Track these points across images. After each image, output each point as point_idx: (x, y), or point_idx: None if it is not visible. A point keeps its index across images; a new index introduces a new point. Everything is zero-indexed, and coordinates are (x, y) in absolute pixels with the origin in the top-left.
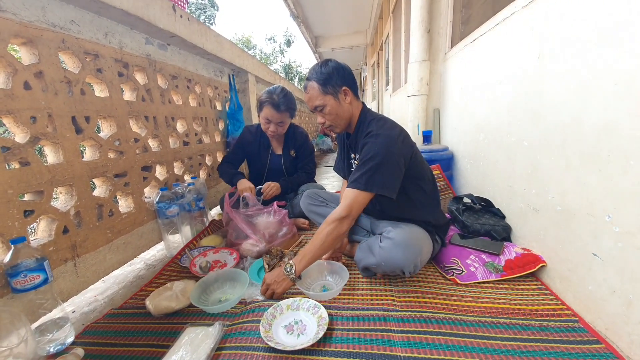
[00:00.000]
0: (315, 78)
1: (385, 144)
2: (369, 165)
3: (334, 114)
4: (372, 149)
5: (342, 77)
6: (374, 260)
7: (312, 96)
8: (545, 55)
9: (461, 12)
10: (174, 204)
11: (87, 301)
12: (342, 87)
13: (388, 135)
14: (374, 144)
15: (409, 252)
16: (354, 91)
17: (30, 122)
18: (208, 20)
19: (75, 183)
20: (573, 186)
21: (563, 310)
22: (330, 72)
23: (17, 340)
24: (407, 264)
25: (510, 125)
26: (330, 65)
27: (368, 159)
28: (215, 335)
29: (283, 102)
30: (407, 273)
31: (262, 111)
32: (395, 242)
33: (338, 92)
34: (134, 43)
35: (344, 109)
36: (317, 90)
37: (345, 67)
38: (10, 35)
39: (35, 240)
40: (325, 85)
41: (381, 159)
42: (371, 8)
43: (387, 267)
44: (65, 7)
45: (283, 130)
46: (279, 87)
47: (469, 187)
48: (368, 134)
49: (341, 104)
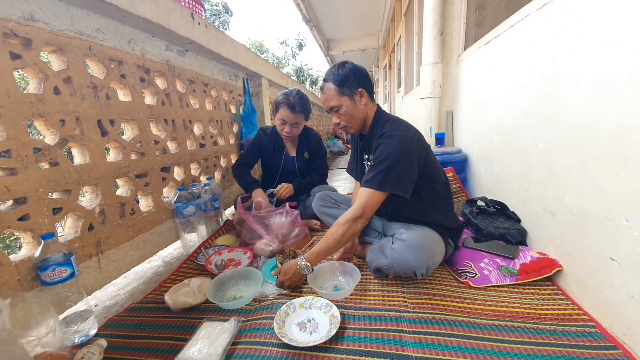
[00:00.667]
0: (332, 79)
1: (399, 145)
2: (383, 165)
3: (349, 114)
4: (387, 149)
5: (359, 78)
6: (385, 262)
7: (328, 97)
8: (560, 57)
9: (475, 14)
10: (191, 204)
11: (109, 295)
12: (358, 88)
13: (402, 136)
14: (388, 144)
15: (421, 254)
16: (369, 93)
17: (60, 125)
18: (222, 26)
19: (100, 183)
20: (589, 189)
21: (579, 315)
22: (347, 74)
23: (45, 330)
24: (419, 265)
25: (525, 128)
26: (347, 67)
27: (382, 159)
28: (231, 330)
29: (299, 104)
30: (419, 275)
31: (278, 112)
32: (407, 244)
33: (354, 94)
34: (155, 50)
35: (359, 110)
36: (333, 91)
37: (361, 69)
38: (42, 43)
39: (62, 236)
40: (342, 86)
41: (395, 159)
42: (383, 11)
43: (399, 268)
44: (92, 16)
45: (298, 131)
46: (295, 89)
47: (483, 190)
48: (382, 134)
49: (357, 105)
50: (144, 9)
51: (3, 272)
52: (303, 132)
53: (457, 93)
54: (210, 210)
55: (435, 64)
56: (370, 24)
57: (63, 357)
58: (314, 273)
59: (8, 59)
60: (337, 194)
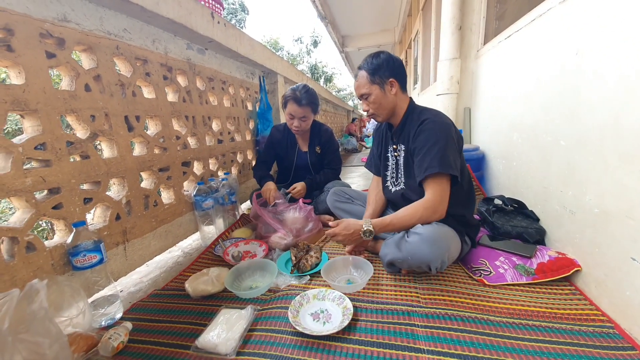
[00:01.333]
0: (366, 68)
1: (444, 129)
2: (436, 148)
3: (378, 103)
4: (433, 134)
5: (392, 69)
6: (400, 255)
7: (359, 84)
8: (583, 52)
9: (495, 7)
10: (209, 198)
11: (133, 282)
12: (390, 78)
13: (444, 122)
14: (433, 129)
15: (436, 248)
16: (401, 84)
17: (90, 120)
18: (239, 24)
19: (127, 175)
20: (611, 188)
21: (597, 316)
22: (380, 64)
23: (76, 312)
24: (434, 259)
25: (546, 124)
26: (381, 57)
27: (433, 144)
28: (247, 317)
29: (305, 97)
30: (433, 269)
31: (287, 107)
32: (422, 237)
33: (385, 83)
34: (177, 48)
35: (388, 100)
36: (365, 79)
37: (396, 59)
38: (74, 42)
39: (92, 225)
40: (374, 75)
41: (445, 142)
42: (400, 5)
43: (414, 261)
44: (119, 16)
45: (307, 125)
46: (302, 84)
47: (501, 188)
48: (423, 122)
49: (386, 94)
50: (168, 9)
51: (38, 257)
52: (314, 127)
53: (475, 89)
54: (227, 204)
55: (453, 59)
56: (386, 20)
57: (91, 337)
58: (327, 266)
59: (44, 58)
60: (352, 189)
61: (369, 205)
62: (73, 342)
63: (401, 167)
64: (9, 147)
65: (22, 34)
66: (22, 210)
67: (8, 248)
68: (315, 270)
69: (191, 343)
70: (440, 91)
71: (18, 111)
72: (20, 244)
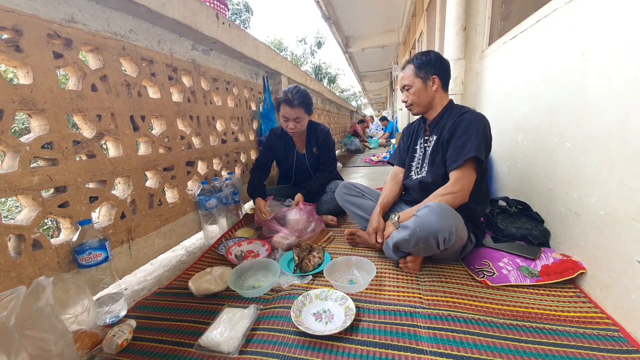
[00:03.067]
0: (414, 62)
1: (482, 120)
2: (474, 136)
3: (417, 95)
4: (474, 123)
5: (437, 67)
6: (406, 232)
7: (405, 76)
8: (589, 52)
9: (501, 8)
10: (213, 197)
11: (137, 280)
12: (433, 75)
13: (482, 116)
14: (474, 120)
15: (444, 218)
16: (443, 83)
17: (97, 120)
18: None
19: (132, 174)
20: (618, 190)
21: (602, 319)
22: (428, 61)
23: (81, 309)
24: (442, 229)
25: (551, 126)
26: (431, 55)
27: (473, 132)
28: (250, 316)
29: (296, 97)
30: (441, 241)
31: (279, 110)
32: (431, 209)
33: (428, 79)
34: (182, 49)
35: (428, 94)
36: (411, 71)
37: (444, 60)
38: (81, 43)
39: (97, 223)
40: (419, 69)
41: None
42: (404, 6)
43: (421, 232)
44: (125, 17)
45: (302, 126)
46: (293, 85)
47: (505, 189)
48: (464, 113)
49: (427, 89)
50: (173, 10)
51: (44, 255)
52: (311, 128)
53: (479, 90)
54: (230, 203)
55: (458, 60)
56: (390, 20)
57: (96, 334)
58: (330, 266)
59: (52, 58)
60: (362, 185)
61: (382, 196)
62: (78, 339)
63: (428, 156)
64: (16, 146)
65: (30, 35)
66: (28, 208)
67: (15, 245)
68: (317, 271)
69: (194, 341)
70: None
71: (26, 110)
72: (27, 242)
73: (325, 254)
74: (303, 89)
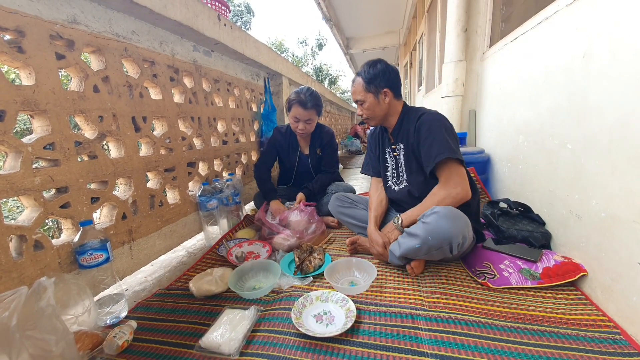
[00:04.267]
0: (362, 76)
1: (441, 119)
2: (440, 136)
3: (371, 110)
4: (434, 124)
5: (387, 79)
6: (416, 241)
7: (356, 90)
8: (591, 55)
9: (502, 9)
10: (214, 198)
11: (138, 281)
12: (384, 88)
13: (439, 114)
14: (432, 120)
15: (456, 222)
16: (394, 92)
17: (98, 121)
18: (244, 26)
19: (133, 175)
20: (619, 192)
21: (604, 322)
22: (377, 74)
23: (82, 310)
24: (456, 234)
25: (553, 128)
26: (378, 67)
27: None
28: (251, 317)
29: (310, 100)
30: (454, 247)
31: (291, 110)
32: (440, 215)
33: (379, 93)
34: (184, 50)
35: (381, 108)
36: (361, 86)
37: (392, 70)
38: (84, 44)
39: (99, 224)
40: (369, 84)
41: (445, 130)
42: (405, 8)
43: (434, 241)
44: (127, 19)
45: (311, 128)
46: (306, 87)
47: (506, 191)
48: (420, 116)
49: (380, 103)
50: (175, 11)
51: (46, 255)
52: (316, 129)
53: (480, 91)
54: (231, 204)
55: (459, 61)
56: (391, 22)
57: (97, 335)
58: (330, 268)
59: (54, 59)
60: (354, 194)
61: (372, 208)
62: (78, 340)
63: (402, 165)
64: (18, 147)
65: (33, 36)
66: (30, 208)
67: (16, 246)
68: (318, 272)
69: (195, 342)
70: (445, 93)
71: (28, 111)
72: (29, 242)
73: (326, 255)
74: (315, 91)
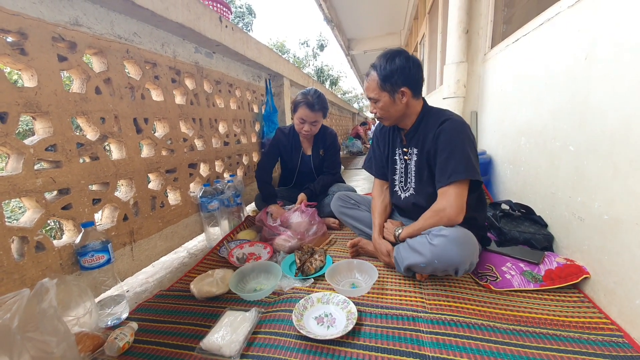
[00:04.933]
0: (378, 71)
1: (465, 130)
2: (461, 151)
3: (386, 109)
4: (456, 135)
5: (406, 77)
6: (422, 259)
7: (369, 87)
8: (593, 57)
9: (503, 11)
10: (215, 199)
11: (139, 282)
12: (402, 88)
13: (464, 122)
14: (455, 130)
15: (464, 249)
16: (414, 91)
17: (100, 123)
18: (246, 27)
19: (135, 176)
20: (621, 194)
21: (607, 325)
22: (394, 70)
23: (83, 311)
24: (464, 261)
25: (555, 129)
26: (397, 62)
27: (456, 146)
28: (252, 319)
29: (317, 102)
30: (461, 272)
31: (297, 112)
32: (449, 239)
33: (395, 92)
34: (185, 52)
35: (397, 108)
36: (375, 83)
37: (412, 66)
38: (86, 46)
39: (100, 225)
40: (385, 81)
41: (468, 145)
42: (406, 9)
43: (441, 265)
44: (129, 20)
45: (316, 129)
46: (313, 88)
47: (508, 193)
48: (443, 122)
49: (395, 103)
50: (177, 13)
51: (47, 256)
52: (319, 130)
53: (482, 93)
54: (232, 205)
55: (460, 63)
56: (392, 23)
57: (98, 337)
58: (331, 269)
59: (56, 61)
60: (357, 194)
61: (375, 215)
62: (80, 342)
63: (412, 171)
64: (20, 149)
65: (35, 38)
66: (32, 210)
67: (18, 247)
68: (319, 274)
69: (196, 344)
70: (446, 94)
71: (30, 113)
72: (30, 244)
73: (327, 256)
74: (322, 94)
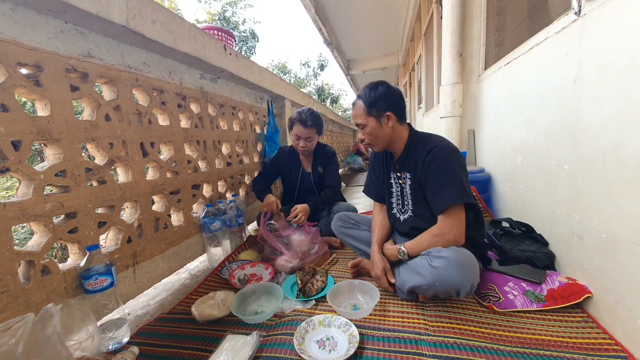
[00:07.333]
0: (363, 99)
1: (454, 155)
2: (453, 177)
3: (374, 134)
4: (446, 162)
5: (389, 102)
6: (423, 281)
7: (356, 114)
8: (581, 80)
9: (495, 34)
10: (217, 219)
11: (140, 305)
12: (387, 112)
13: (452, 147)
14: (444, 157)
15: (465, 272)
16: (398, 116)
17: (109, 148)
18: (249, 51)
19: (140, 199)
20: (617, 214)
21: (611, 345)
22: (378, 97)
23: (85, 335)
24: (464, 284)
25: (549, 148)
26: (379, 90)
27: (448, 173)
28: (253, 343)
29: (310, 119)
30: (462, 294)
31: (293, 129)
32: (449, 261)
33: (381, 116)
34: (191, 78)
35: (384, 132)
36: (362, 109)
37: (394, 92)
38: (97, 76)
39: (104, 247)
40: (370, 107)
41: (459, 170)
42: (402, 31)
43: (442, 287)
44: (139, 51)
45: (312, 145)
46: (307, 108)
47: (508, 210)
48: (431, 150)
49: (382, 127)
50: (184, 44)
51: (52, 280)
52: (318, 148)
53: (478, 112)
54: (234, 225)
55: (455, 84)
56: (390, 44)
57: None
58: (333, 291)
59: (68, 91)
60: (357, 214)
61: (375, 230)
62: None
63: (408, 194)
64: (31, 175)
65: (50, 70)
66: (39, 234)
67: (25, 271)
68: (321, 295)
69: None
70: (443, 114)
71: (42, 140)
72: (37, 267)
73: (329, 277)
74: (316, 112)
